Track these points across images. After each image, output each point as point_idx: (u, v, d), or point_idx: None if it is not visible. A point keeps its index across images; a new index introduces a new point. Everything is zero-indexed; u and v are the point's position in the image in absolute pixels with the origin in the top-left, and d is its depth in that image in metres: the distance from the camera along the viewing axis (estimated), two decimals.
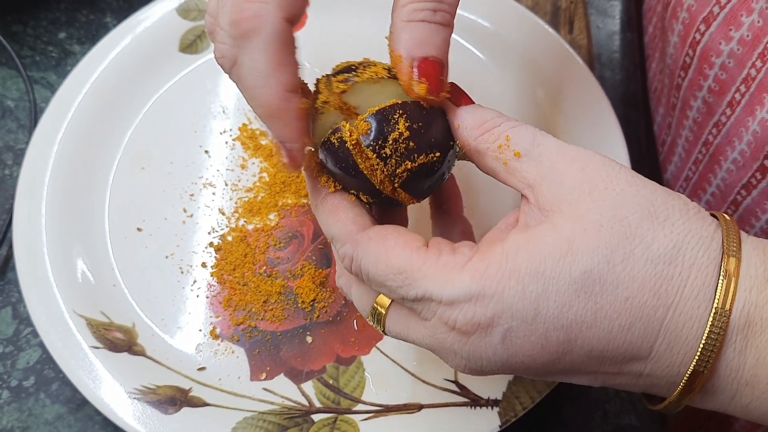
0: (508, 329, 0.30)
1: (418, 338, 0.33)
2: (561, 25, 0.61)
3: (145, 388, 0.45)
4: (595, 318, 0.30)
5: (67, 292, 0.48)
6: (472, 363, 0.32)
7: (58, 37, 0.61)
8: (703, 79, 0.46)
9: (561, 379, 0.33)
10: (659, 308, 0.29)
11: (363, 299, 0.35)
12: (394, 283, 0.32)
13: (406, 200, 0.35)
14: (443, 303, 0.31)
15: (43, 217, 0.50)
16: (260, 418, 0.44)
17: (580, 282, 0.30)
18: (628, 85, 0.60)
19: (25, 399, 0.47)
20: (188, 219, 0.52)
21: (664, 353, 0.30)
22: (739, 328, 0.29)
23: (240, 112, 0.56)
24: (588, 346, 0.30)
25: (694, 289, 0.29)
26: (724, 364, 0.30)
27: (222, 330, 0.48)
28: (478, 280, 0.30)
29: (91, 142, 0.54)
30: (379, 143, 0.33)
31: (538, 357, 0.31)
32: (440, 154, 0.34)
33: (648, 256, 0.30)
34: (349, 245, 0.34)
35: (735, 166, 0.46)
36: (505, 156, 0.33)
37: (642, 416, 0.47)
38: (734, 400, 0.31)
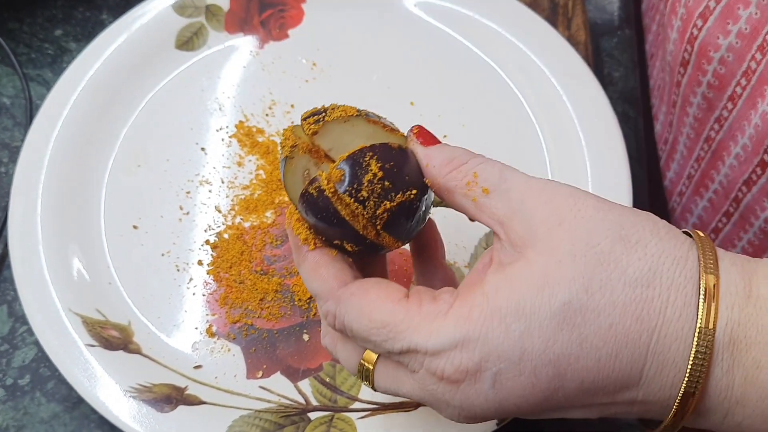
0: (497, 372, 0.30)
1: (408, 391, 0.33)
2: (559, 22, 0.60)
3: (141, 386, 0.45)
4: (581, 349, 0.29)
5: (63, 290, 0.47)
6: (465, 411, 0.32)
7: (54, 34, 0.61)
8: (702, 74, 0.46)
9: (557, 416, 0.33)
10: (643, 333, 0.29)
11: (349, 357, 0.35)
12: (378, 337, 0.32)
13: (391, 244, 0.35)
14: (429, 354, 0.31)
15: (39, 215, 0.50)
16: (257, 417, 0.44)
17: (561, 315, 0.29)
18: (627, 81, 0.60)
19: (21, 397, 0.47)
20: (184, 216, 0.51)
21: (654, 377, 0.30)
22: (725, 346, 0.29)
23: (236, 109, 0.56)
24: (578, 379, 0.30)
25: (675, 311, 0.29)
26: (713, 385, 0.29)
27: (218, 328, 0.47)
28: (461, 326, 0.30)
29: (86, 140, 0.53)
30: (354, 187, 0.33)
31: (531, 397, 0.30)
32: (417, 191, 0.34)
33: (625, 281, 0.30)
34: (331, 302, 0.34)
35: (737, 161, 0.46)
36: (474, 193, 0.33)
37: None
38: (726, 420, 0.30)
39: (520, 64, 0.57)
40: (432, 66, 0.57)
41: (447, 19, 0.59)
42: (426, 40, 0.58)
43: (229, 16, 0.59)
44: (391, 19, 0.59)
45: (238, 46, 0.59)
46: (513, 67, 0.57)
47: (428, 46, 0.58)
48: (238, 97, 0.56)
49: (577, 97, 0.54)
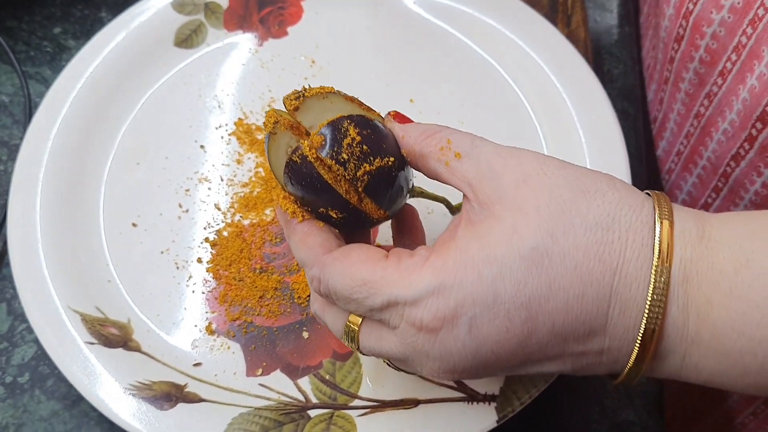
0: (473, 317, 0.31)
1: (390, 348, 0.34)
2: (559, 19, 0.60)
3: (141, 384, 0.45)
4: (550, 290, 0.31)
5: (62, 288, 0.47)
6: (444, 362, 0.33)
7: (53, 32, 0.61)
8: (695, 50, 0.47)
9: (533, 369, 0.34)
10: (606, 272, 0.31)
11: (336, 321, 0.36)
12: (360, 294, 0.33)
13: (373, 212, 0.37)
14: (408, 304, 0.32)
15: (38, 213, 0.50)
16: (256, 414, 0.44)
17: (529, 258, 0.31)
18: (626, 79, 0.60)
19: (20, 395, 0.47)
20: (184, 214, 0.51)
21: (618, 319, 0.31)
22: (679, 283, 0.31)
23: (236, 107, 0.56)
24: (550, 321, 0.31)
25: (634, 251, 0.31)
26: (671, 323, 0.31)
27: (218, 325, 0.47)
28: (437, 275, 0.32)
29: (85, 137, 0.53)
30: (335, 150, 0.35)
31: (506, 342, 0.32)
32: (395, 160, 0.36)
33: (586, 225, 0.32)
34: (316, 267, 0.35)
35: (725, 137, 0.46)
36: (447, 157, 0.35)
37: (639, 411, 0.47)
38: (685, 362, 0.32)
39: (519, 61, 0.56)
40: (431, 63, 0.57)
41: (446, 17, 0.59)
42: (425, 38, 0.58)
43: (228, 14, 0.59)
44: (390, 17, 0.59)
45: (237, 43, 0.58)
46: (512, 64, 0.57)
47: (427, 43, 0.58)
48: (237, 94, 0.56)
49: (576, 95, 0.54)
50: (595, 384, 0.48)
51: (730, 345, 0.31)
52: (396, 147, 0.37)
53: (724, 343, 0.31)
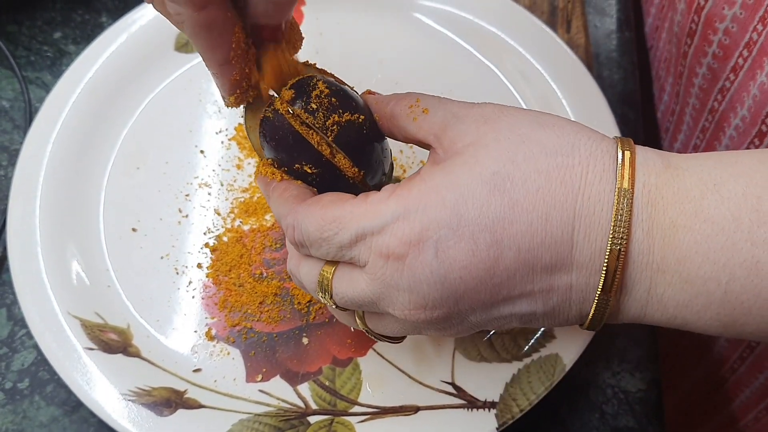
0: (438, 239, 0.32)
1: (362, 288, 0.34)
2: (558, 25, 0.60)
3: (140, 389, 0.45)
4: (513, 212, 0.31)
5: (62, 294, 0.47)
6: (414, 294, 0.33)
7: (54, 36, 0.61)
8: (708, 45, 0.47)
9: (505, 310, 0.34)
10: (569, 195, 0.31)
11: (311, 273, 0.37)
12: (330, 231, 0.34)
13: (348, 169, 0.37)
14: (375, 233, 0.33)
15: (37, 218, 0.50)
16: (256, 420, 0.44)
17: (491, 182, 0.32)
18: (626, 84, 0.60)
19: (20, 401, 0.47)
20: (183, 219, 0.51)
21: (583, 245, 0.32)
22: (643, 207, 0.31)
23: (235, 112, 0.56)
24: (515, 245, 0.32)
25: (596, 175, 0.32)
26: (635, 248, 0.31)
27: (217, 331, 0.47)
28: (401, 202, 0.33)
29: (85, 142, 0.53)
30: (304, 100, 0.37)
31: (473, 267, 0.32)
32: (364, 118, 0.37)
33: (546, 152, 0.32)
34: (290, 215, 0.36)
35: (737, 133, 0.46)
36: (415, 113, 0.36)
37: (639, 417, 0.47)
38: (650, 293, 0.32)
39: (519, 67, 0.57)
40: (431, 69, 0.57)
41: (446, 22, 0.59)
42: (425, 43, 0.58)
43: None
44: (391, 22, 0.59)
45: None
46: (512, 70, 0.57)
47: (428, 49, 0.58)
48: None
49: (576, 100, 0.54)
50: (595, 390, 0.48)
51: (694, 270, 0.31)
52: (370, 114, 0.38)
53: (688, 269, 0.31)
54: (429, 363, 0.46)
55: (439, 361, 0.46)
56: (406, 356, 0.46)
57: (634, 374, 0.49)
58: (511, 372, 0.45)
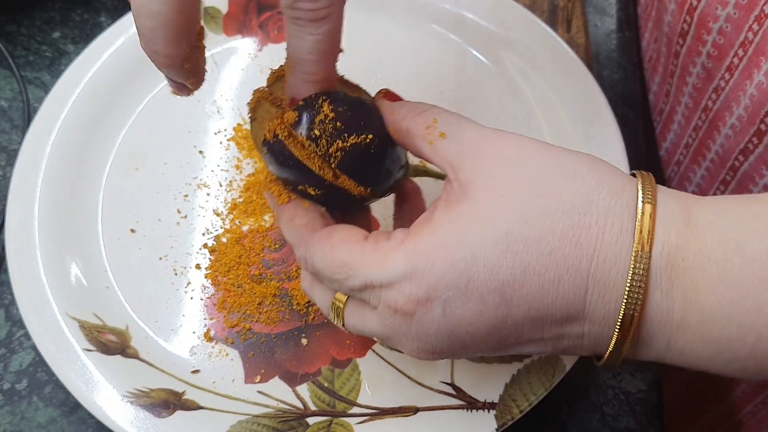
0: (446, 300, 0.32)
1: (372, 327, 0.35)
2: (559, 24, 0.60)
3: (139, 391, 0.44)
4: (524, 275, 0.31)
5: (60, 295, 0.47)
6: (422, 343, 0.33)
7: (52, 36, 0.60)
8: (702, 45, 0.47)
9: (513, 351, 0.34)
10: (583, 258, 0.31)
11: (323, 298, 0.37)
12: (340, 275, 0.34)
13: (353, 189, 0.37)
14: (383, 287, 0.33)
15: (36, 219, 0.49)
16: (255, 422, 0.44)
17: (503, 243, 0.31)
18: (627, 84, 0.60)
19: (18, 402, 0.46)
20: (182, 220, 0.51)
21: (597, 304, 0.31)
22: (662, 269, 0.30)
23: (235, 113, 0.55)
24: (525, 306, 0.31)
25: (612, 236, 0.31)
26: (654, 309, 0.30)
27: (216, 332, 0.47)
28: (409, 258, 0.32)
29: (84, 143, 0.53)
30: (307, 126, 0.35)
31: (481, 325, 0.32)
32: (373, 137, 0.36)
33: (563, 209, 0.31)
34: (302, 248, 0.36)
35: (733, 132, 0.46)
36: (432, 136, 0.35)
37: (639, 419, 0.47)
38: (670, 347, 0.31)
39: (519, 66, 0.56)
40: (431, 69, 0.57)
41: (446, 21, 0.59)
42: (425, 43, 0.58)
43: (227, 19, 0.59)
44: (390, 22, 0.59)
45: (236, 48, 0.58)
46: (512, 69, 0.57)
47: (427, 48, 0.58)
48: (237, 99, 0.56)
49: (576, 100, 0.54)
50: (596, 391, 0.48)
51: (718, 332, 0.30)
52: (380, 124, 0.37)
53: (711, 330, 0.30)
54: (428, 364, 0.46)
55: (439, 362, 0.46)
56: (406, 357, 0.46)
57: (634, 375, 0.48)
58: (510, 373, 0.44)
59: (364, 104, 0.37)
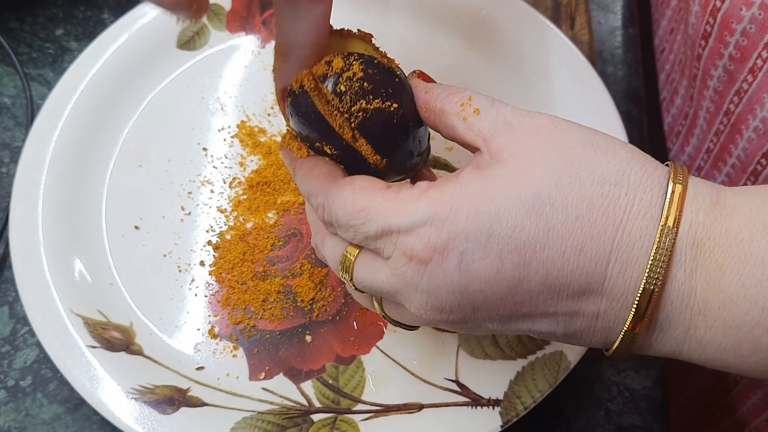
0: (464, 252, 0.31)
1: (382, 280, 0.34)
2: (562, 21, 0.60)
3: (143, 387, 0.44)
4: (547, 238, 0.30)
5: (64, 291, 0.47)
6: (432, 296, 0.32)
7: (55, 33, 0.60)
8: (724, 47, 0.46)
9: (524, 325, 0.33)
10: (609, 227, 0.30)
11: (334, 250, 0.37)
12: (358, 220, 0.33)
13: (370, 155, 0.36)
14: (401, 232, 0.32)
15: (40, 216, 0.49)
16: (259, 418, 0.44)
17: (530, 203, 0.30)
18: (630, 81, 0.60)
19: (22, 399, 0.46)
20: (186, 217, 0.51)
21: (617, 279, 0.30)
22: (687, 247, 0.30)
23: (238, 110, 0.55)
24: (543, 270, 0.31)
25: (641, 209, 0.30)
26: (675, 289, 0.30)
27: (220, 329, 0.47)
28: (432, 205, 0.32)
29: (88, 140, 0.53)
30: (334, 80, 0.35)
31: (495, 284, 0.31)
32: (398, 107, 0.36)
33: (594, 178, 0.31)
34: (321, 195, 0.35)
35: (756, 135, 0.46)
36: (466, 113, 0.35)
37: (645, 415, 0.47)
38: (689, 335, 0.31)
39: (522, 63, 0.56)
40: (434, 65, 0.57)
41: (449, 18, 0.59)
42: (428, 40, 0.58)
43: (230, 16, 0.59)
44: (394, 18, 0.59)
45: (239, 45, 0.58)
46: (516, 66, 0.56)
47: (430, 45, 0.58)
48: (240, 96, 0.56)
49: (580, 97, 0.54)
50: (600, 388, 0.48)
51: (741, 316, 0.29)
52: (408, 99, 0.36)
53: (734, 314, 0.29)
54: (433, 360, 0.46)
55: (443, 358, 0.46)
56: (410, 354, 0.46)
57: (639, 372, 0.48)
58: (515, 369, 0.44)
59: (396, 75, 0.37)
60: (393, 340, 0.46)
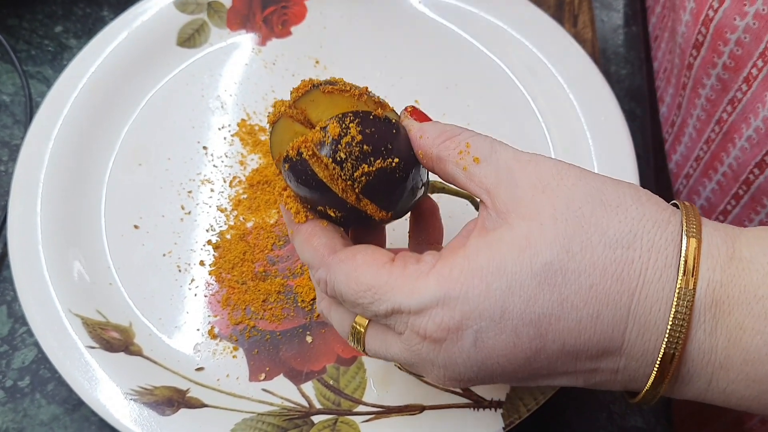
0: (478, 330, 0.30)
1: (396, 353, 0.33)
2: (565, 19, 0.60)
3: (142, 388, 0.44)
4: (562, 309, 0.30)
5: (63, 291, 0.47)
6: (449, 372, 0.32)
7: (55, 30, 0.60)
8: (717, 56, 0.46)
9: (543, 383, 0.33)
10: (624, 293, 0.29)
11: (342, 321, 0.36)
12: (365, 299, 0.32)
13: (375, 213, 0.35)
14: (412, 313, 0.31)
15: (38, 215, 0.49)
16: (259, 420, 0.44)
17: (542, 274, 0.30)
18: (633, 79, 0.60)
19: (21, 399, 0.46)
20: (186, 216, 0.51)
21: (636, 341, 0.30)
22: (706, 307, 0.29)
23: (239, 108, 0.55)
24: (560, 340, 0.30)
25: (656, 272, 0.30)
26: (695, 347, 0.29)
27: (220, 329, 0.47)
28: (442, 284, 0.31)
29: (87, 138, 0.53)
30: (332, 149, 0.34)
31: (513, 357, 0.31)
32: (399, 160, 0.34)
33: (606, 242, 0.30)
34: (322, 269, 0.35)
35: (749, 144, 0.45)
36: (465, 162, 0.34)
37: (647, 417, 0.47)
38: (711, 386, 0.30)
39: (525, 61, 0.56)
40: (436, 63, 0.57)
41: (451, 16, 0.58)
42: (430, 37, 0.58)
43: (231, 13, 0.59)
44: (395, 16, 0.59)
45: (240, 43, 0.58)
46: (519, 64, 0.56)
47: (433, 43, 0.58)
48: (240, 95, 0.56)
49: (583, 95, 0.53)
50: (603, 390, 0.47)
51: (763, 371, 0.29)
52: (406, 146, 0.35)
53: (756, 369, 0.29)
54: None
55: None
56: None
57: None
58: None
59: (392, 125, 0.35)
60: None
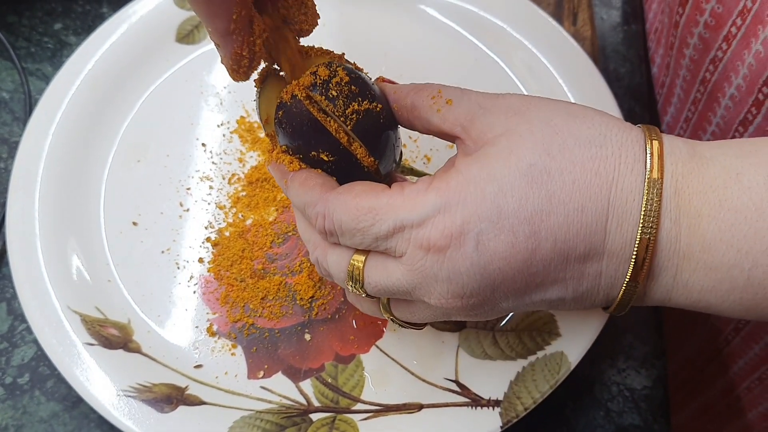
0: (479, 233, 0.32)
1: (397, 279, 0.34)
2: (564, 17, 0.60)
3: (141, 386, 0.44)
4: (551, 204, 0.32)
5: (61, 288, 0.47)
6: (453, 284, 0.33)
7: (54, 28, 0.60)
8: (700, 14, 0.46)
9: (537, 296, 0.34)
10: (603, 186, 0.32)
11: (339, 261, 0.37)
12: (366, 222, 0.34)
13: (364, 158, 0.37)
14: (415, 226, 0.33)
15: (37, 212, 0.49)
16: (258, 417, 0.44)
17: (529, 174, 0.32)
18: (633, 77, 0.60)
19: (20, 396, 0.46)
20: (185, 213, 0.51)
21: (615, 233, 0.32)
22: (671, 196, 0.32)
23: (237, 105, 0.55)
24: (552, 237, 0.32)
25: (627, 166, 0.32)
26: (664, 237, 0.32)
27: (219, 327, 0.47)
28: (441, 194, 0.33)
29: (85, 135, 0.53)
30: (324, 87, 0.36)
31: (511, 258, 0.32)
32: (381, 108, 0.37)
33: (580, 143, 0.33)
34: (320, 204, 0.36)
35: (732, 102, 0.46)
36: (438, 105, 0.36)
37: (645, 415, 0.47)
38: (676, 279, 0.33)
39: (525, 60, 0.56)
40: (437, 62, 0.57)
41: (452, 15, 0.58)
42: (431, 36, 0.58)
43: None
44: (396, 15, 0.58)
45: None
46: (518, 62, 0.56)
47: (433, 42, 0.57)
48: (239, 92, 0.56)
49: (582, 94, 0.53)
50: (600, 388, 0.48)
51: (718, 258, 0.31)
52: (386, 101, 0.38)
53: (713, 256, 0.32)
54: (433, 360, 0.45)
55: (443, 358, 0.45)
56: (410, 353, 0.46)
57: (639, 371, 0.48)
58: (515, 370, 0.44)
59: (369, 78, 0.38)
60: (393, 340, 0.46)
